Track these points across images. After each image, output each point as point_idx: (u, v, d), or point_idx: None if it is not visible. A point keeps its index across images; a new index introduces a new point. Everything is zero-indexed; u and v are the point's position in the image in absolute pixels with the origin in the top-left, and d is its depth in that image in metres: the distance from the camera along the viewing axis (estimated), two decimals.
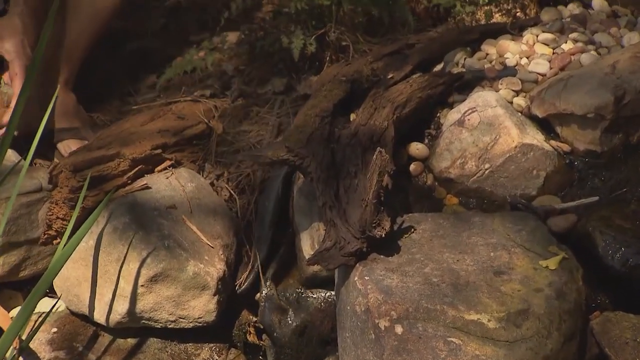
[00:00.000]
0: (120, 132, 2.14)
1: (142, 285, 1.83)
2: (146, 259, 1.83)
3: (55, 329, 1.94)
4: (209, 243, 1.92)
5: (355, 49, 2.40)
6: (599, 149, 1.87)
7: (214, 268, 1.88)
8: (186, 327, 1.88)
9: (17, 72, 2.11)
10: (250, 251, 1.98)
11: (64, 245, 1.70)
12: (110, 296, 1.85)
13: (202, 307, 1.86)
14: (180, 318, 1.87)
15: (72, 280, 1.90)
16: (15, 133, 1.64)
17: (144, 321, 1.87)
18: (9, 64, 2.13)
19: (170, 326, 1.88)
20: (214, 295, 1.86)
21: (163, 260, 1.83)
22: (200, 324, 1.88)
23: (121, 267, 1.84)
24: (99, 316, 1.88)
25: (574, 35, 2.12)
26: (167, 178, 2.01)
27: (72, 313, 1.95)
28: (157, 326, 1.88)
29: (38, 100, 2.07)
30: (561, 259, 1.61)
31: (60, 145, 2.24)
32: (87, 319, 1.92)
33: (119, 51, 2.69)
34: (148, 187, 1.97)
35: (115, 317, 1.86)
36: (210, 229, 1.96)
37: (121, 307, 1.85)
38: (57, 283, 1.92)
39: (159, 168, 2.06)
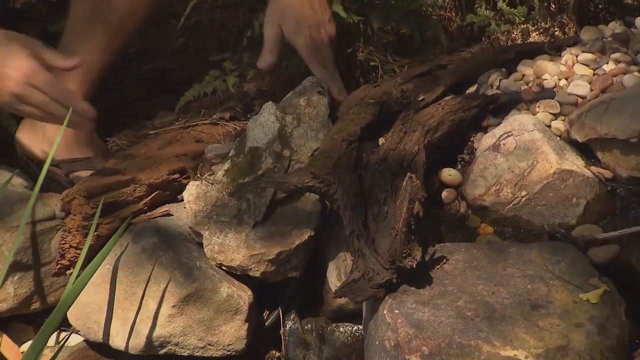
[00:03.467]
0: (136, 156, 2.16)
1: (173, 306, 1.83)
2: (179, 278, 1.84)
3: None
4: None
5: (384, 69, 2.40)
6: None
7: (245, 293, 1.88)
8: (214, 355, 1.87)
9: None
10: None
11: (77, 276, 1.71)
12: (137, 320, 1.85)
13: (233, 333, 1.86)
14: (209, 345, 1.87)
15: (92, 306, 1.89)
16: None
17: (170, 347, 1.86)
18: None
19: (197, 354, 1.87)
20: (246, 321, 1.87)
21: (197, 279, 1.84)
22: (229, 353, 1.87)
23: (149, 288, 1.85)
24: (121, 342, 1.86)
25: (615, 55, 2.12)
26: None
27: (89, 344, 1.95)
28: (184, 353, 1.87)
29: None
30: (603, 292, 1.61)
31: (71, 176, 2.25)
32: (102, 352, 1.93)
33: (134, 72, 2.71)
34: (170, 214, 2.00)
35: (140, 342, 1.84)
36: None
37: (148, 331, 1.84)
38: (73, 311, 1.90)
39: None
